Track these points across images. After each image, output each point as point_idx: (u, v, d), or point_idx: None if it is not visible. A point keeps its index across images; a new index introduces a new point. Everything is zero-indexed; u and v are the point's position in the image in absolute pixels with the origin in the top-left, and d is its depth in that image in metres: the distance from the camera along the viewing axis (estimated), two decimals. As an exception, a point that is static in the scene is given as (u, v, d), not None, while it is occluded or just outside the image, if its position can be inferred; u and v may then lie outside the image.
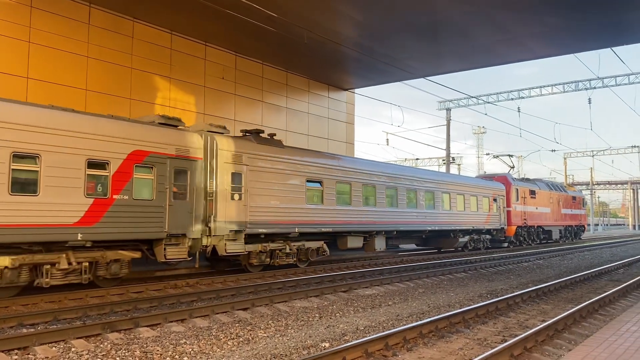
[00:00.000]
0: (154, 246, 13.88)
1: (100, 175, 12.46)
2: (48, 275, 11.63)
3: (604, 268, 19.84)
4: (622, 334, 7.47)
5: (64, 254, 11.86)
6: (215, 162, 15.11)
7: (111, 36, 20.67)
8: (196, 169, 14.55)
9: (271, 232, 16.85)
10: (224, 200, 15.24)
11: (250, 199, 15.98)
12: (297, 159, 18.03)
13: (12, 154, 10.87)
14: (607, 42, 24.95)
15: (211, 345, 8.25)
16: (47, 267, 11.60)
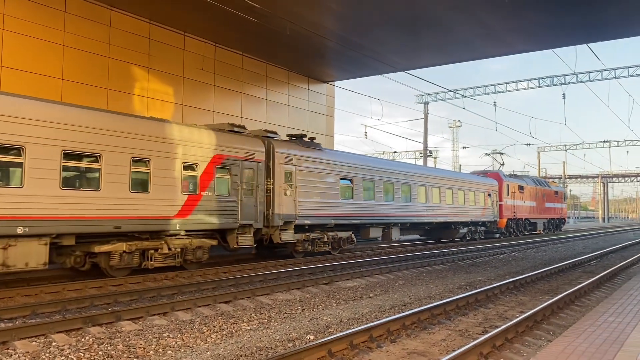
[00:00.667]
0: (226, 235, 16.37)
1: (191, 175, 15.06)
2: (152, 258, 14.13)
3: (577, 260, 20.30)
4: (600, 325, 7.66)
5: (163, 241, 14.36)
6: (273, 163, 17.72)
7: (88, 25, 20.24)
8: (259, 169, 17.24)
9: (314, 224, 19.42)
10: (279, 196, 17.76)
11: (298, 195, 18.53)
12: (333, 159, 20.74)
13: (132, 159, 13.46)
14: (583, 38, 25.37)
15: (195, 338, 8.22)
16: (151, 251, 14.11)
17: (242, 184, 16.48)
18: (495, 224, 34.74)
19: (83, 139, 12.50)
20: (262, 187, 17.28)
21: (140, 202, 13.60)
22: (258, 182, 17.09)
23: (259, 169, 17.15)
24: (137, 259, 13.86)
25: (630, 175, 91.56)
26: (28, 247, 11.34)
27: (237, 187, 16.31)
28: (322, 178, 19.90)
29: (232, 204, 16.15)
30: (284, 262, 18.02)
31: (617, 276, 16.40)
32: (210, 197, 15.48)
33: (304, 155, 19.10)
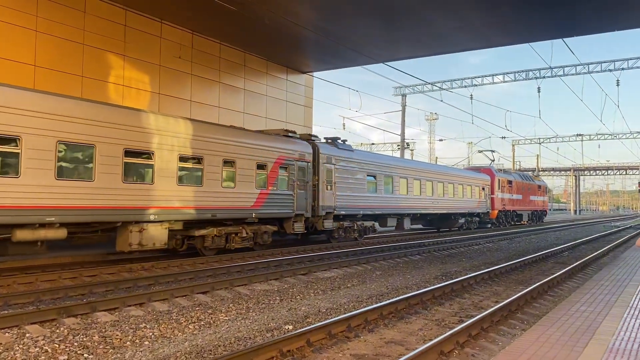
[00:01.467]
0: (284, 223, 19.57)
1: (262, 174, 18.21)
2: (234, 241, 17.17)
3: (550, 251, 20.71)
4: (573, 314, 7.84)
5: (241, 227, 17.48)
6: (318, 163, 20.90)
7: (62, 10, 19.74)
8: (308, 168, 20.42)
9: (347, 214, 22.60)
10: (323, 191, 20.97)
11: (336, 190, 21.79)
12: (361, 159, 24.11)
13: (223, 160, 16.66)
14: (559, 33, 25.71)
15: (172, 329, 8.16)
16: (233, 235, 17.18)
17: (296, 180, 19.67)
18: (487, 215, 38.58)
19: (191, 145, 15.66)
20: (310, 183, 20.45)
21: (228, 195, 16.83)
22: (307, 178, 20.33)
23: (308, 167, 20.40)
24: (223, 241, 16.83)
25: (602, 168, 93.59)
26: (155, 230, 14.48)
27: (292, 184, 19.51)
28: (353, 175, 23.16)
29: (290, 197, 19.39)
30: (262, 252, 17.99)
31: (589, 267, 16.79)
32: (275, 192, 18.72)
33: (340, 155, 22.36)
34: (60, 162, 12.40)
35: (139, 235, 14.05)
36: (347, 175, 22.60)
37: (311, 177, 20.52)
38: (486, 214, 38.29)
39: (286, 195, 19.22)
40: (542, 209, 52.42)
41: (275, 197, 18.74)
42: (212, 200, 16.16)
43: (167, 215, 14.81)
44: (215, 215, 16.34)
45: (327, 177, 21.20)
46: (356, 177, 23.28)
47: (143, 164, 14.40)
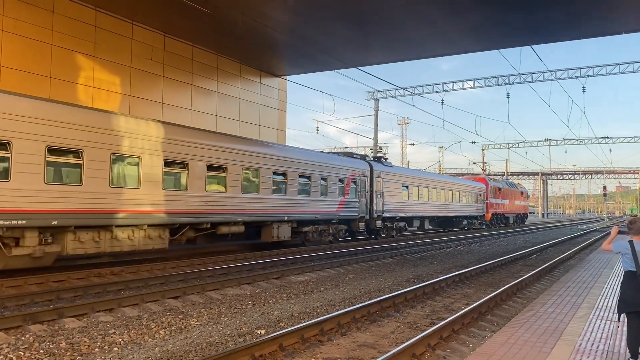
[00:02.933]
0: (351, 223, 25.47)
1: (341, 186, 24.17)
2: (324, 235, 23.20)
3: (518, 254, 21.10)
4: (541, 315, 8.00)
5: (328, 225, 23.57)
6: (372, 177, 26.93)
7: (29, 9, 19.28)
8: (366, 181, 26.37)
9: (389, 217, 28.69)
10: (375, 198, 26.99)
11: (383, 198, 27.71)
12: (398, 172, 30.77)
13: (321, 178, 22.71)
14: (527, 40, 26.26)
15: (142, 334, 8.04)
16: (324, 232, 23.18)
17: (360, 191, 25.60)
18: (483, 218, 45.20)
19: (306, 169, 21.80)
20: (368, 193, 26.36)
21: (324, 203, 22.90)
22: (367, 189, 26.33)
23: (366, 181, 26.39)
24: (317, 236, 22.75)
25: (568, 172, 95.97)
26: (286, 228, 20.55)
27: (358, 193, 25.48)
28: (393, 186, 29.16)
29: (357, 204, 25.43)
30: (234, 256, 17.85)
31: (556, 269, 17.16)
32: (348, 200, 24.68)
33: (385, 171, 28.62)
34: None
35: (277, 231, 19.98)
36: (389, 186, 28.59)
37: (368, 188, 26.47)
38: (482, 217, 44.76)
39: (354, 202, 25.34)
40: (524, 212, 59.12)
41: (349, 204, 24.87)
42: (315, 206, 22.28)
43: (290, 217, 20.68)
44: (317, 217, 22.43)
45: (377, 188, 27.26)
46: (395, 187, 29.42)
47: (283, 182, 20.61)
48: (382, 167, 28.55)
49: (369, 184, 26.54)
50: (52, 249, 12.64)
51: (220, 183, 17.32)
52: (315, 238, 22.66)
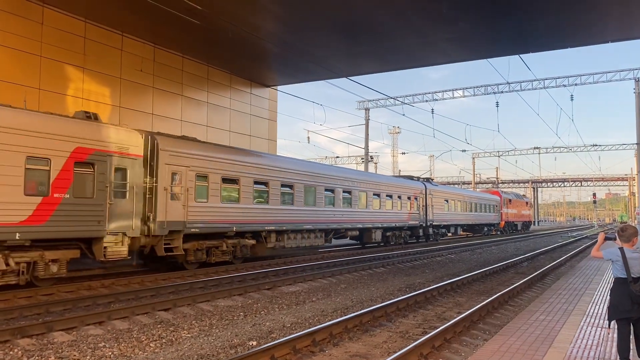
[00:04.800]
0: (413, 230, 32.85)
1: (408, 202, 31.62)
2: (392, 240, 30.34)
3: (510, 262, 21.15)
4: (532, 323, 8.01)
5: (401, 231, 31.28)
6: (425, 194, 34.46)
7: (17, 20, 19.22)
8: (422, 197, 33.83)
9: (436, 225, 35.96)
10: (428, 210, 34.52)
11: (433, 210, 35.28)
12: (442, 190, 38.88)
13: (398, 196, 30.34)
14: (515, 50, 26.56)
15: (133, 347, 7.96)
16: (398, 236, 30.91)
17: (419, 205, 33.11)
18: (498, 225, 52.64)
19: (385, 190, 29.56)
20: (423, 207, 33.86)
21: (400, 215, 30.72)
22: (422, 204, 33.77)
23: (422, 197, 33.81)
24: (395, 239, 30.38)
25: (558, 180, 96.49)
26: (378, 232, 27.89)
27: (418, 207, 33.05)
28: (439, 200, 36.70)
29: (418, 215, 32.97)
30: (226, 268, 17.74)
31: (547, 276, 17.22)
32: (413, 212, 32.47)
33: (433, 188, 36.29)
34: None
35: (374, 235, 27.78)
36: (436, 201, 35.96)
37: (424, 203, 33.82)
38: (497, 224, 52.30)
39: (417, 214, 32.72)
40: (528, 220, 67.44)
41: (414, 215, 32.25)
42: (396, 217, 30.25)
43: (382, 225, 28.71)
44: (397, 225, 30.35)
45: (429, 203, 34.60)
46: (439, 202, 36.62)
47: (380, 200, 28.61)
48: (431, 186, 36.38)
49: (424, 199, 34.13)
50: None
51: (347, 203, 25.55)
52: (394, 240, 30.77)
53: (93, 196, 13.33)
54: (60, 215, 12.54)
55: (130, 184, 14.30)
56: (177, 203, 15.78)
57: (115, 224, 13.82)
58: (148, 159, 15.07)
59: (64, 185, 12.68)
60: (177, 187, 15.81)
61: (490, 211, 49.46)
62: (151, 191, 15.06)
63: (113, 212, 13.79)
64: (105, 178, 13.59)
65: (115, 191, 13.90)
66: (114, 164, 13.90)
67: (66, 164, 12.77)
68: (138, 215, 14.53)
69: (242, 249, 18.70)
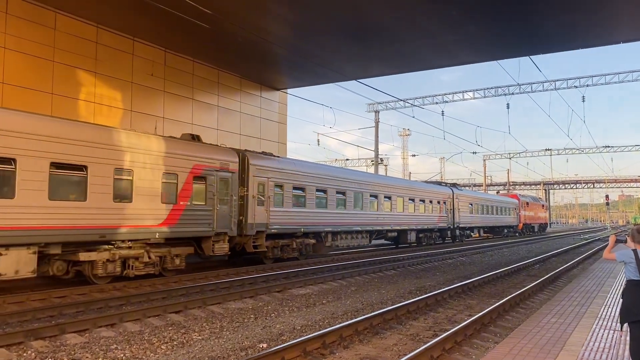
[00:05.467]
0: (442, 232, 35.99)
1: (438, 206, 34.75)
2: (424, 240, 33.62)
3: (521, 264, 21.02)
4: (544, 326, 7.97)
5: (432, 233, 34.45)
6: (452, 198, 37.27)
7: (31, 27, 19.49)
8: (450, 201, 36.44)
9: (462, 227, 39.19)
10: (455, 213, 37.33)
11: (459, 213, 38.13)
12: (466, 194, 41.49)
13: (429, 200, 33.66)
14: (526, 51, 26.42)
15: (144, 349, 8.02)
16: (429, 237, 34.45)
17: (447, 209, 36.07)
18: (517, 227, 55.22)
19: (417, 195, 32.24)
20: (451, 210, 36.56)
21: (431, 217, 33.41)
22: (450, 207, 36.47)
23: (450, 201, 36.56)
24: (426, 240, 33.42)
25: (570, 182, 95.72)
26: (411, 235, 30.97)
27: (447, 210, 36.02)
28: (464, 205, 39.61)
29: (446, 218, 36.00)
30: (236, 270, 17.82)
31: (559, 279, 17.09)
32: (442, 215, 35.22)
33: (458, 193, 39.05)
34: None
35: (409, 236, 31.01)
36: (461, 205, 38.72)
37: (452, 207, 36.77)
38: (516, 226, 55.06)
39: (446, 217, 35.68)
40: (545, 222, 69.52)
41: (443, 218, 35.52)
42: (428, 220, 33.26)
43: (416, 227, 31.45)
44: (428, 227, 33.11)
45: (455, 206, 37.48)
46: (464, 205, 39.47)
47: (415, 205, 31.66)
48: (457, 190, 39.24)
49: (451, 203, 36.69)
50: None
51: (387, 208, 28.42)
52: (425, 241, 33.56)
53: (205, 203, 16.52)
54: (184, 219, 15.76)
55: (230, 193, 17.49)
56: (262, 208, 18.98)
57: (220, 226, 17.02)
58: (240, 173, 18.15)
59: (186, 195, 15.88)
60: (262, 195, 19.02)
61: (509, 214, 52.33)
62: (243, 199, 18.19)
63: (218, 216, 16.99)
64: (213, 188, 16.85)
65: (220, 199, 17.02)
66: (219, 177, 17.09)
67: (188, 177, 16.01)
68: (235, 219, 17.69)
69: (307, 247, 21.75)
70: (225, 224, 17.20)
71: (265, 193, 19.20)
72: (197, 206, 16.22)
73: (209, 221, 16.62)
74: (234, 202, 17.59)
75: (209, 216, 16.66)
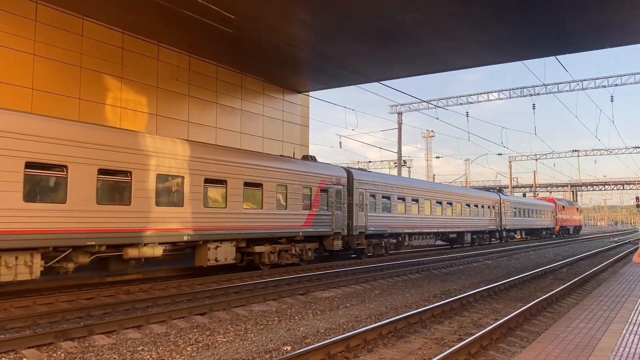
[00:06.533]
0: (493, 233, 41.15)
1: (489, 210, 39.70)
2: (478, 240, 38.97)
3: (548, 267, 20.67)
4: (572, 331, 7.82)
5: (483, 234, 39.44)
6: (500, 203, 41.69)
7: (59, 34, 19.94)
8: (497, 206, 41.05)
9: (508, 229, 43.65)
10: (502, 217, 41.74)
11: (505, 216, 42.25)
12: (511, 199, 45.43)
13: (482, 206, 38.09)
14: (550, 51, 26.01)
15: (170, 351, 8.11)
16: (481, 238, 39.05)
17: (496, 212, 40.64)
18: (554, 229, 59.04)
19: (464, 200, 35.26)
20: (499, 214, 41.10)
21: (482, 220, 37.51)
22: (498, 211, 40.93)
23: (498, 206, 41.10)
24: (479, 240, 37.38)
25: (599, 184, 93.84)
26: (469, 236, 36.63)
27: (495, 214, 40.41)
28: (509, 209, 43.81)
29: (495, 221, 40.20)
30: (260, 273, 17.91)
31: (588, 283, 16.76)
32: (492, 218, 39.56)
33: (505, 198, 43.36)
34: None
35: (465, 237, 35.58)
36: (507, 209, 43.26)
37: (499, 211, 41.11)
38: (553, 228, 58.88)
39: (494, 220, 40.29)
40: (579, 224, 72.80)
41: (492, 221, 39.95)
42: (479, 223, 37.33)
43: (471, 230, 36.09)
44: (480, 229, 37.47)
45: (503, 210, 42.15)
46: (509, 210, 43.92)
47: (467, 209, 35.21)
48: (503, 196, 43.69)
49: (499, 207, 41.34)
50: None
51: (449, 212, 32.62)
52: (478, 242, 38.06)
53: (327, 209, 21.49)
54: (315, 222, 20.81)
55: (342, 202, 22.40)
56: (362, 214, 23.67)
57: (336, 227, 21.97)
58: (347, 185, 22.91)
59: (316, 204, 20.95)
60: (362, 203, 23.61)
61: (547, 217, 56.59)
62: (349, 206, 22.99)
63: (335, 219, 21.94)
64: (332, 198, 21.86)
65: (336, 206, 21.94)
66: (335, 189, 22.05)
67: (317, 190, 21.11)
68: (345, 222, 22.52)
69: (390, 245, 26.45)
70: (339, 225, 22.12)
71: (364, 201, 23.78)
72: (322, 212, 21.25)
73: (329, 223, 21.64)
74: (344, 209, 22.52)
75: (330, 220, 21.68)
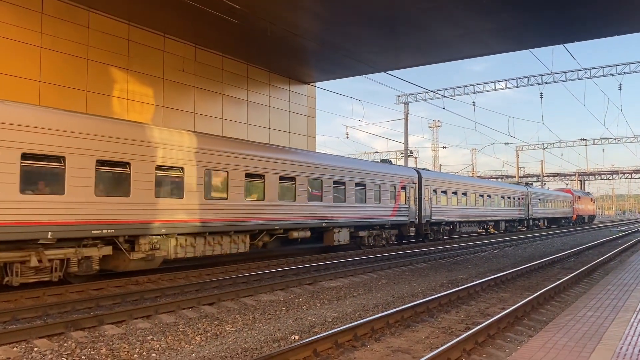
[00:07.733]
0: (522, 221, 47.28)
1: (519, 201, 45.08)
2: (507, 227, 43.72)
3: (556, 257, 20.63)
4: (580, 319, 7.82)
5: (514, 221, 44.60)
6: (528, 195, 47.13)
7: (66, 26, 19.97)
8: (526, 198, 46.50)
9: (534, 218, 49.54)
10: (530, 205, 47.47)
11: (532, 207, 48.50)
12: (537, 191, 51.02)
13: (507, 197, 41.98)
14: (559, 39, 25.77)
15: (179, 340, 8.19)
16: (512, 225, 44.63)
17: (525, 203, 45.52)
18: (571, 218, 63.20)
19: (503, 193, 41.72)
20: (527, 204, 45.94)
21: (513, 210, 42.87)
22: (526, 202, 45.57)
23: (527, 197, 45.74)
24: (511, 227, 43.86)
25: (607, 172, 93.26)
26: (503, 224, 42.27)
27: (524, 205, 45.32)
28: (535, 199, 48.68)
29: (524, 210, 45.19)
30: (267, 263, 18.00)
31: (595, 272, 16.73)
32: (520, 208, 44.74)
33: (532, 191, 48.46)
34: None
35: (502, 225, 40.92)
36: (534, 200, 48.21)
37: (527, 201, 46.15)
38: (571, 217, 62.77)
39: (523, 209, 45.35)
40: (593, 213, 77.07)
41: (521, 211, 44.93)
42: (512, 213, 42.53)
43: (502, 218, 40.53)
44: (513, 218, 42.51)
45: (530, 201, 47.00)
46: (535, 200, 48.82)
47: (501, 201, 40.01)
48: (531, 188, 49.35)
49: (526, 199, 46.14)
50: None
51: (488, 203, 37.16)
52: (509, 229, 42.91)
53: (406, 203, 26.16)
54: (398, 213, 25.49)
55: (414, 196, 27.10)
56: (427, 205, 28.41)
57: (411, 217, 26.72)
58: (417, 183, 27.56)
59: (398, 198, 25.58)
60: (428, 197, 28.36)
61: (565, 206, 61.01)
62: (419, 200, 27.59)
63: (409, 210, 26.57)
64: (408, 194, 26.55)
65: (411, 199, 26.66)
66: (410, 187, 26.64)
67: (398, 188, 25.69)
68: (416, 213, 27.26)
69: (445, 232, 31.13)
70: (412, 216, 26.77)
71: (429, 196, 28.59)
72: (402, 206, 25.86)
73: (407, 214, 26.31)
74: (415, 202, 27.19)
75: (407, 211, 26.35)
